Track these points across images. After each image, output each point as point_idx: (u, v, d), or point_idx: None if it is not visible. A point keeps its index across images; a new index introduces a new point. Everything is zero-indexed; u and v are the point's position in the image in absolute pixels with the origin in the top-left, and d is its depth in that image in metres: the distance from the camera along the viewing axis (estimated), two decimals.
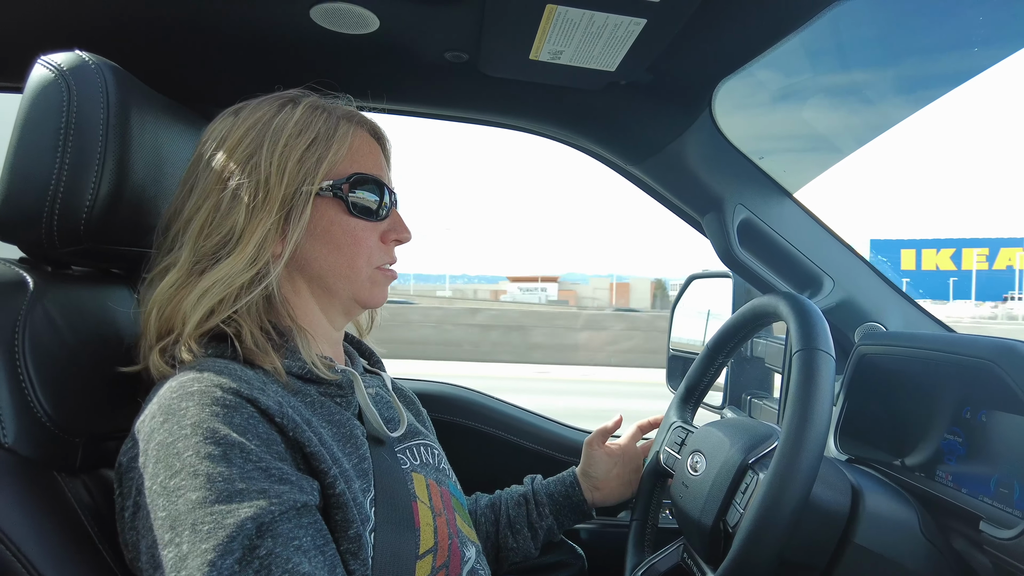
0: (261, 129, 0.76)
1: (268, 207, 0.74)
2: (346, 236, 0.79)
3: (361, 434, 0.76)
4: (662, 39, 0.89)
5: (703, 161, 1.17)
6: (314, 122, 0.78)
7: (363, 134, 0.83)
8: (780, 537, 0.68)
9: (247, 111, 0.78)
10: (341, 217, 0.79)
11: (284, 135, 0.75)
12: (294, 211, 0.75)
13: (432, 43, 1.00)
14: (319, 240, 0.78)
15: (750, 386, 1.53)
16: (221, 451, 0.59)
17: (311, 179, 0.76)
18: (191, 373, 0.65)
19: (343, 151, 0.78)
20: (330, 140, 0.78)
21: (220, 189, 0.74)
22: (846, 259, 1.20)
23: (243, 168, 0.74)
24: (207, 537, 0.55)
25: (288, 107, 0.78)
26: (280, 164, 0.74)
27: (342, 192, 0.78)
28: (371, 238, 0.81)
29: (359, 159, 0.81)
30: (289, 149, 0.75)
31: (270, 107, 0.78)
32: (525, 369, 11.73)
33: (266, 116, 0.77)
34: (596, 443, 1.14)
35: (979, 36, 0.98)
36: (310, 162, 0.76)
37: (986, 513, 0.77)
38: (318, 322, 0.82)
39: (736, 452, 0.83)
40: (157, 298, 0.72)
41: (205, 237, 0.73)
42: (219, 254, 0.73)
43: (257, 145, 0.75)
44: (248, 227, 0.73)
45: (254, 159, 0.74)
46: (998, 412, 0.85)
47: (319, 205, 0.77)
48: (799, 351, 0.75)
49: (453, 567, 0.77)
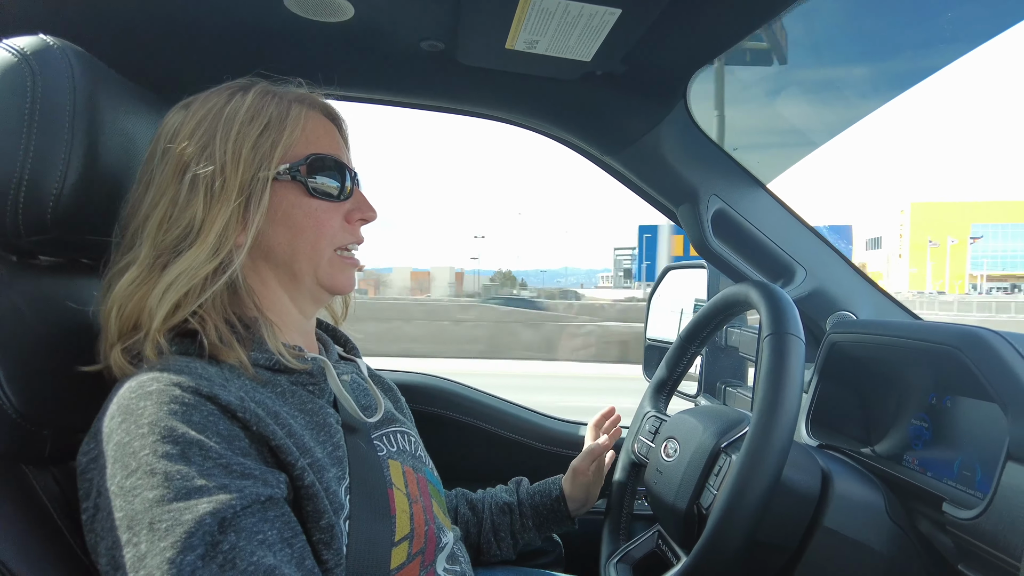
0: (213, 119, 0.75)
1: (226, 196, 0.73)
2: (308, 218, 0.78)
3: (335, 422, 0.76)
4: (637, 29, 0.90)
5: (678, 152, 1.18)
6: (265, 107, 0.77)
7: (317, 116, 0.82)
8: (753, 515, 0.69)
9: (197, 103, 0.77)
10: (301, 200, 0.78)
11: (236, 123, 0.75)
12: (253, 198, 0.74)
13: (408, 32, 1.00)
14: (281, 225, 0.77)
15: (724, 375, 1.55)
16: (179, 450, 0.59)
17: (267, 164, 0.75)
18: (150, 372, 0.64)
19: (297, 133, 0.78)
20: (283, 123, 0.77)
21: (177, 182, 0.73)
22: (818, 249, 1.22)
23: (198, 159, 0.73)
24: (165, 535, 0.55)
25: (239, 95, 0.77)
26: (235, 152, 0.74)
27: (300, 174, 0.77)
28: (335, 219, 0.81)
29: (315, 140, 0.80)
30: (243, 136, 0.74)
31: (220, 97, 0.77)
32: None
33: (217, 106, 0.76)
34: (584, 469, 1.13)
35: (945, 33, 1.00)
36: (264, 147, 0.75)
37: (949, 495, 0.80)
38: (286, 310, 0.81)
39: (709, 436, 0.84)
40: (117, 295, 0.71)
41: (165, 231, 0.72)
42: (180, 247, 0.72)
43: (210, 135, 0.74)
44: (208, 217, 0.72)
45: (208, 149, 0.73)
46: (962, 398, 0.88)
47: (278, 190, 0.77)
48: (769, 335, 0.76)
49: (429, 553, 0.78)
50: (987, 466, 0.81)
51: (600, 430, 1.19)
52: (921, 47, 1.04)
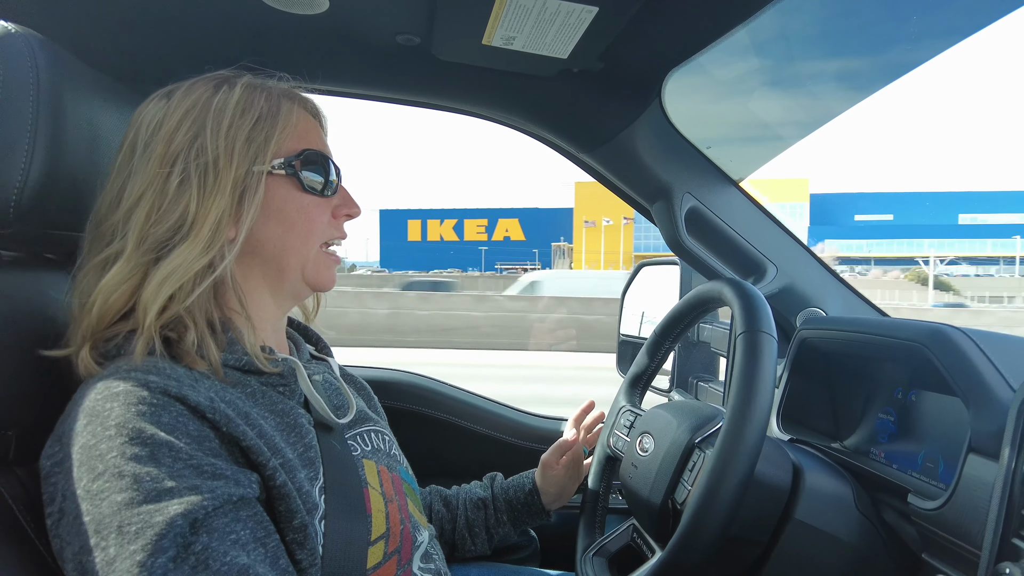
0: (201, 110, 0.73)
1: (220, 189, 0.71)
2: (300, 214, 0.78)
3: (307, 422, 0.75)
4: (614, 27, 0.90)
5: (653, 150, 1.19)
6: (256, 101, 0.76)
7: (303, 112, 0.81)
8: (727, 511, 0.70)
9: (180, 93, 0.75)
10: (294, 195, 0.77)
11: (227, 115, 0.73)
12: (247, 192, 0.73)
13: (383, 25, 0.99)
14: (273, 220, 0.76)
15: (696, 370, 1.57)
16: (148, 451, 0.57)
17: (262, 158, 0.74)
18: (116, 374, 0.63)
19: (288, 128, 0.77)
20: (275, 118, 0.76)
21: (164, 174, 0.71)
22: (788, 246, 1.24)
23: (187, 151, 0.72)
24: (135, 538, 0.54)
25: (225, 87, 0.76)
26: (228, 145, 0.72)
27: (294, 169, 0.77)
28: (323, 215, 0.80)
29: (304, 136, 0.79)
30: (235, 129, 0.73)
31: (205, 88, 0.75)
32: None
33: (203, 97, 0.74)
34: (552, 463, 1.14)
35: (917, 31, 1.02)
36: (258, 141, 0.74)
37: (913, 487, 0.82)
38: (265, 307, 0.80)
39: (683, 432, 0.85)
40: (103, 288, 0.68)
41: (153, 224, 0.70)
42: (172, 241, 0.70)
43: (200, 127, 0.72)
44: (201, 211, 0.71)
45: (199, 141, 0.72)
46: (926, 392, 0.90)
47: (271, 184, 0.76)
48: (742, 333, 0.77)
49: (405, 552, 0.78)
50: (949, 458, 0.83)
51: (579, 424, 1.20)
52: (894, 43, 1.06)
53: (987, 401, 0.72)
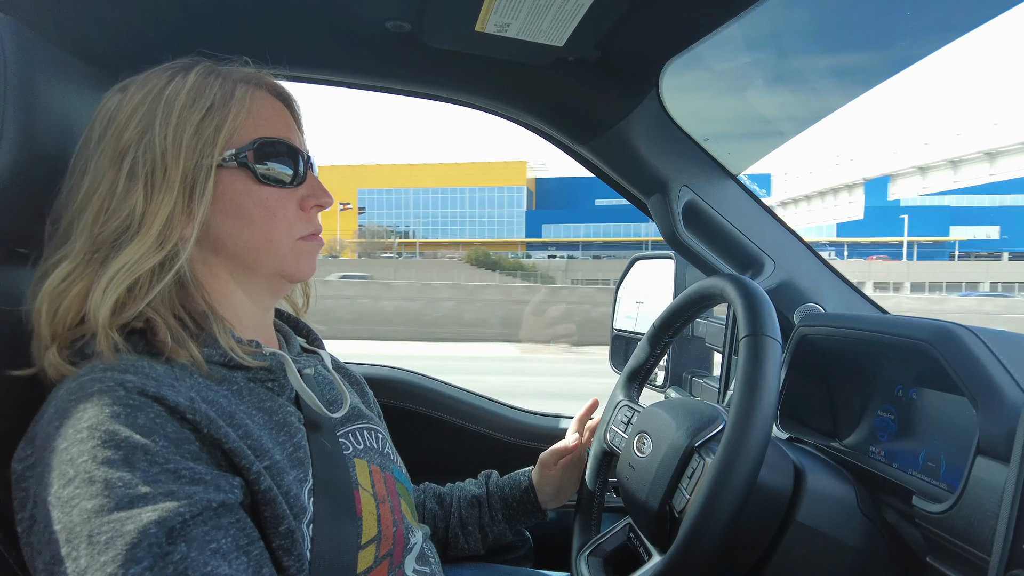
0: (152, 102, 0.69)
1: (168, 186, 0.68)
2: (259, 208, 0.73)
3: (297, 420, 0.72)
4: (611, 14, 0.88)
5: (649, 142, 1.16)
6: (208, 89, 0.71)
7: (265, 96, 0.76)
8: (727, 523, 0.68)
9: (136, 85, 0.72)
10: (251, 187, 0.73)
11: (177, 106, 0.69)
12: (196, 187, 0.69)
13: (372, 11, 0.95)
14: (230, 215, 0.72)
15: (691, 365, 1.55)
16: (122, 455, 0.54)
17: (210, 150, 0.70)
18: (92, 372, 0.60)
19: (243, 116, 0.72)
20: (227, 106, 0.71)
21: (115, 171, 0.68)
22: (786, 241, 1.22)
23: (137, 146, 0.68)
24: (105, 548, 0.51)
25: (179, 76, 0.71)
26: (175, 138, 0.68)
27: (247, 160, 0.72)
28: (288, 207, 0.75)
29: (263, 123, 0.74)
30: (183, 120, 0.69)
31: (160, 78, 0.71)
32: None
33: (156, 88, 0.70)
34: (550, 463, 1.11)
35: (915, 26, 1.01)
36: (207, 132, 0.70)
37: (916, 487, 0.80)
38: (240, 304, 0.76)
39: (682, 435, 0.83)
40: (47, 292, 0.65)
41: (103, 224, 0.67)
42: (120, 240, 0.67)
43: (150, 120, 0.69)
44: (149, 209, 0.67)
45: (148, 135, 0.68)
46: (927, 390, 0.89)
47: (224, 177, 0.71)
48: (747, 336, 0.75)
49: (397, 555, 0.75)
50: (952, 458, 0.82)
51: (583, 424, 1.17)
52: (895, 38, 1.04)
53: (996, 402, 0.70)
